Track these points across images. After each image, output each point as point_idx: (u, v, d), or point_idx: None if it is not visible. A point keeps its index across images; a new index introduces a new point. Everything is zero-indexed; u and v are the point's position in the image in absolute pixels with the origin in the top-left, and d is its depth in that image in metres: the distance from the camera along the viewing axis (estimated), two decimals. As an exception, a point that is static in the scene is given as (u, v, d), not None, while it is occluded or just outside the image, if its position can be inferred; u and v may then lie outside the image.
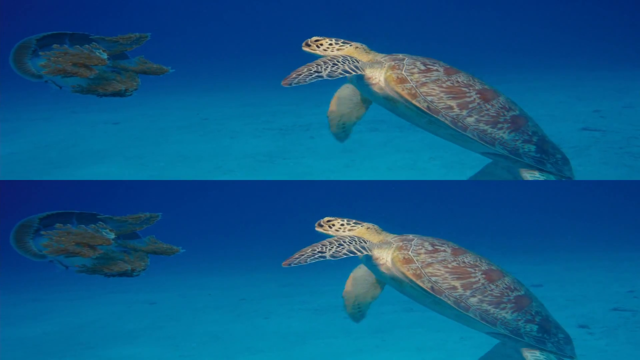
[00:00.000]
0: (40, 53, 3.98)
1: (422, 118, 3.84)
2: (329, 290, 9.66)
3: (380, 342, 6.98)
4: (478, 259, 3.97)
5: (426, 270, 3.82)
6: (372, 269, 3.99)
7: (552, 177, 4.00)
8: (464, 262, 3.90)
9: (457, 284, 3.81)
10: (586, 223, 14.45)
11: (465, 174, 6.93)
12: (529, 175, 3.96)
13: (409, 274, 3.80)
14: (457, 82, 3.87)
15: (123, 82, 4.06)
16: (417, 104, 3.79)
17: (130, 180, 7.50)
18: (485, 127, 3.86)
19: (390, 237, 4.00)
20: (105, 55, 4.04)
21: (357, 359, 6.58)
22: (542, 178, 3.97)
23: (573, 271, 10.35)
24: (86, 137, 9.50)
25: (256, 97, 11.92)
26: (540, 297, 4.16)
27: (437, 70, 3.87)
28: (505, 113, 3.92)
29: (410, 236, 4.00)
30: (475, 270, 3.88)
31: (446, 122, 3.82)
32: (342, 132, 4.40)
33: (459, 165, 7.57)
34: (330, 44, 3.90)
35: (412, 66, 3.85)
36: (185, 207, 16.65)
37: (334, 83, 3.97)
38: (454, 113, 3.82)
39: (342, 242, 3.80)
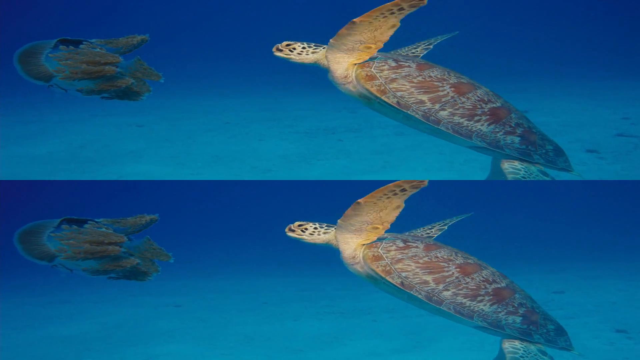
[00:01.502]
0: (50, 56, 3.96)
1: (397, 114, 3.84)
2: (348, 295, 9.84)
3: (416, 343, 7.10)
4: (453, 253, 3.97)
5: (396, 267, 3.82)
6: (349, 269, 3.98)
7: (535, 169, 3.92)
8: (436, 256, 3.91)
9: (428, 278, 3.82)
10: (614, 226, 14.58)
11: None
12: (507, 165, 3.91)
13: (379, 270, 3.81)
14: (430, 76, 3.85)
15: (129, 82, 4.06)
16: (386, 99, 3.78)
17: (171, 179, 7.63)
18: (461, 120, 3.82)
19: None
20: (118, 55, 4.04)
21: (398, 358, 6.69)
22: (521, 167, 3.89)
23: (592, 279, 10.45)
24: (117, 138, 9.65)
25: (273, 102, 12.06)
26: (566, 304, 4.15)
27: (408, 66, 3.86)
28: (483, 105, 3.87)
29: (385, 234, 3.98)
30: (448, 264, 3.87)
31: (417, 116, 3.80)
32: None
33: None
34: (304, 48, 3.87)
35: (383, 63, 3.84)
36: (216, 206, 16.81)
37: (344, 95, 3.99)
38: (426, 107, 3.79)
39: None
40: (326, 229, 3.96)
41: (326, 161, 8.30)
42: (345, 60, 3.82)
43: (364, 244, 3.89)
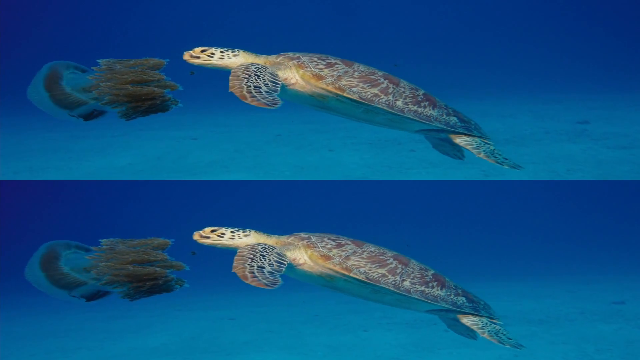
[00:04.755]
0: (88, 78, 3.56)
1: (357, 109, 3.86)
2: (382, 307, 9.95)
3: (518, 351, 7.21)
4: (379, 247, 4.07)
5: (350, 264, 3.85)
6: (289, 271, 3.92)
7: (478, 140, 4.10)
8: (371, 251, 3.99)
9: (383, 271, 3.90)
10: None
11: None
12: (460, 140, 4.08)
13: (338, 268, 3.83)
14: (362, 71, 3.89)
15: (156, 91, 3.63)
16: (349, 95, 3.80)
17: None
18: (415, 108, 3.92)
19: (283, 238, 3.99)
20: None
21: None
22: (471, 140, 4.09)
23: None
24: (188, 150, 9.79)
25: (308, 114, 12.23)
26: (629, 313, 4.32)
27: (337, 63, 3.87)
28: (418, 92, 4.00)
29: (302, 234, 3.99)
30: (386, 257, 3.97)
31: (383, 107, 3.85)
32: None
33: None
34: (223, 52, 3.77)
35: (314, 62, 3.84)
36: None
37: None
38: (384, 99, 3.85)
39: (265, 254, 3.79)
40: (244, 232, 3.91)
41: (419, 170, 8.43)
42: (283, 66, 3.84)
43: (299, 245, 3.92)
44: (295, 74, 3.81)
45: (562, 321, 8.51)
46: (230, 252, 3.84)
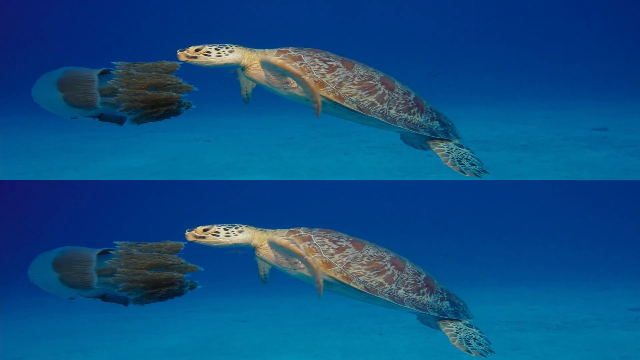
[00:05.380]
0: (109, 82, 3.51)
1: (353, 115, 3.88)
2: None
3: (534, 357, 7.22)
4: (378, 249, 4.08)
5: (350, 272, 3.87)
6: (289, 272, 3.94)
7: (452, 145, 4.13)
8: (371, 255, 4.00)
9: (380, 279, 3.94)
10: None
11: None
12: (433, 144, 4.14)
13: (338, 277, 3.83)
14: (361, 75, 3.90)
15: (174, 96, 3.59)
16: (348, 105, 3.82)
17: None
18: (406, 116, 3.98)
19: (279, 233, 3.95)
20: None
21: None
22: (443, 146, 4.12)
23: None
24: (202, 152, 9.81)
25: (315, 119, 12.22)
26: None
27: (338, 66, 3.85)
28: (409, 98, 4.03)
29: (302, 233, 3.95)
30: (384, 262, 3.98)
31: (378, 118, 3.90)
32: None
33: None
34: (218, 49, 3.72)
35: (316, 66, 3.81)
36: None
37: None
38: (379, 108, 3.89)
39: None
40: (238, 229, 3.87)
41: (441, 173, 8.42)
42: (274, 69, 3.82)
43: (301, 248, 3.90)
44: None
45: (581, 327, 8.51)
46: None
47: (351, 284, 3.85)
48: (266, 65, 3.78)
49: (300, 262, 3.86)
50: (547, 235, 16.69)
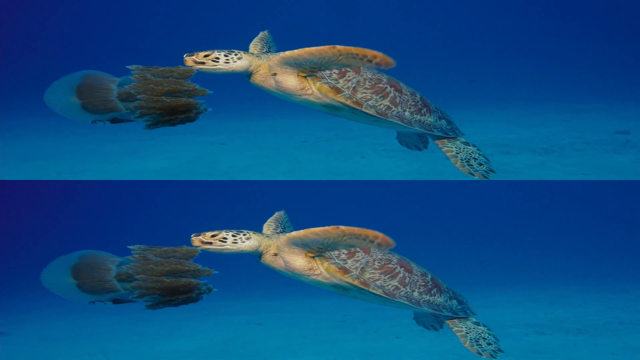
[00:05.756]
0: (127, 87, 3.42)
1: (368, 118, 3.87)
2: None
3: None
4: (383, 252, 4.05)
5: (367, 277, 3.88)
6: (301, 278, 3.88)
7: (459, 143, 4.20)
8: (380, 258, 3.98)
9: (395, 283, 3.94)
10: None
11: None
12: (442, 145, 4.21)
13: (356, 283, 3.81)
14: (370, 79, 3.88)
15: (191, 103, 3.51)
16: (367, 110, 3.81)
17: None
18: (419, 117, 4.00)
19: (282, 239, 3.81)
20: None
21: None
22: (451, 146, 4.20)
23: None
24: (218, 155, 9.85)
25: (330, 121, 12.26)
26: None
27: (347, 70, 3.83)
28: (416, 98, 4.04)
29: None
30: (394, 265, 3.99)
31: (396, 121, 3.90)
32: None
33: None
34: (227, 55, 3.64)
35: (328, 71, 3.77)
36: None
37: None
38: (395, 111, 3.89)
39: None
40: (245, 235, 3.77)
41: (461, 177, 8.43)
42: (294, 72, 3.72)
43: (310, 255, 3.82)
44: (312, 84, 3.74)
45: (602, 331, 8.48)
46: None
47: (370, 290, 3.85)
48: (289, 63, 3.67)
49: (315, 268, 3.80)
50: (559, 238, 16.67)
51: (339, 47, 3.44)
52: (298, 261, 3.78)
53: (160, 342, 8.58)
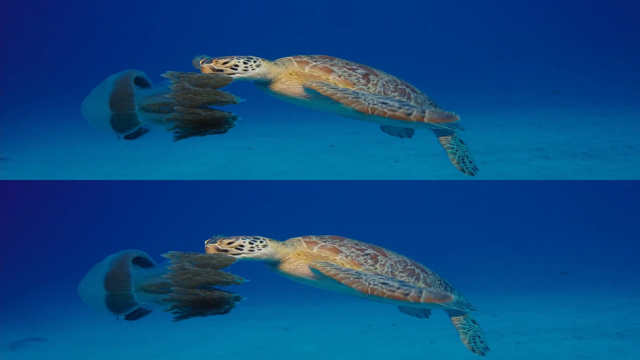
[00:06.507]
0: (165, 96, 3.32)
1: (398, 121, 3.80)
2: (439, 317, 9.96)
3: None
4: (396, 254, 4.09)
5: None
6: (331, 286, 3.88)
7: (457, 142, 4.31)
8: (397, 260, 4.04)
9: (421, 284, 4.01)
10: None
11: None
12: (445, 141, 4.32)
13: (398, 294, 3.76)
14: (388, 81, 3.92)
15: (225, 116, 3.45)
16: (415, 118, 3.78)
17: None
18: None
19: (304, 248, 3.86)
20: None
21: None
22: (453, 143, 4.33)
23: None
24: (250, 160, 9.84)
25: (352, 124, 12.23)
26: None
27: (367, 74, 3.86)
28: (427, 96, 4.14)
29: (326, 243, 3.88)
30: (411, 266, 4.06)
31: (422, 118, 3.86)
32: None
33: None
34: (246, 63, 3.60)
35: (353, 76, 3.80)
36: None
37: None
38: (419, 113, 3.85)
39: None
40: (262, 242, 3.73)
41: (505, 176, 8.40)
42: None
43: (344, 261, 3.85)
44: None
45: (645, 335, 8.42)
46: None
47: (385, 293, 3.79)
48: (311, 92, 3.68)
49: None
50: (583, 241, 16.59)
51: (359, 106, 3.60)
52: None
53: (194, 347, 8.54)
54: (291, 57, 3.77)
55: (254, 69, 3.60)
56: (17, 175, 9.10)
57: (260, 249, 3.67)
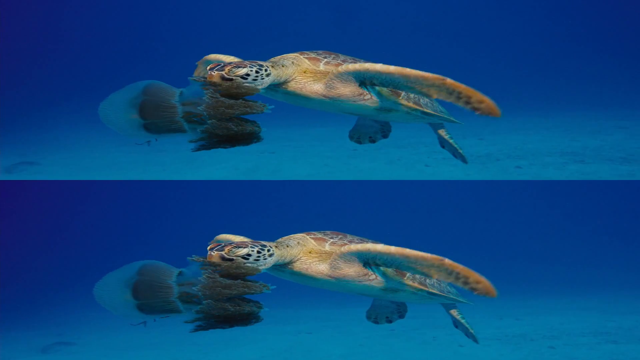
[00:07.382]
0: (199, 109, 3.15)
1: (417, 117, 3.76)
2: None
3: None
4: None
5: (417, 277, 3.78)
6: (343, 287, 3.74)
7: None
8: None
9: (434, 279, 3.87)
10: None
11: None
12: (445, 134, 4.28)
13: (416, 284, 3.71)
14: None
15: (255, 131, 3.32)
16: (425, 109, 3.74)
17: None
18: (442, 108, 3.94)
19: (314, 245, 3.71)
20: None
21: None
22: (452, 142, 4.29)
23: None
24: (276, 163, 9.86)
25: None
26: None
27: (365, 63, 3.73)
28: None
29: (336, 239, 3.71)
30: None
31: (443, 116, 3.85)
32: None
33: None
34: (258, 72, 3.37)
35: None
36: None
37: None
38: (436, 105, 3.83)
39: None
40: (269, 251, 3.51)
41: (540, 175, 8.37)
42: (354, 80, 3.51)
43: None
44: (371, 88, 3.57)
45: (681, 340, 8.32)
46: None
47: (428, 290, 3.74)
48: (366, 75, 3.47)
49: (370, 273, 3.62)
50: (602, 244, 16.54)
51: (449, 80, 3.24)
52: (354, 268, 3.61)
53: (221, 352, 8.52)
54: (296, 54, 3.60)
55: (263, 78, 3.37)
56: (46, 177, 9.13)
57: (265, 258, 3.45)
